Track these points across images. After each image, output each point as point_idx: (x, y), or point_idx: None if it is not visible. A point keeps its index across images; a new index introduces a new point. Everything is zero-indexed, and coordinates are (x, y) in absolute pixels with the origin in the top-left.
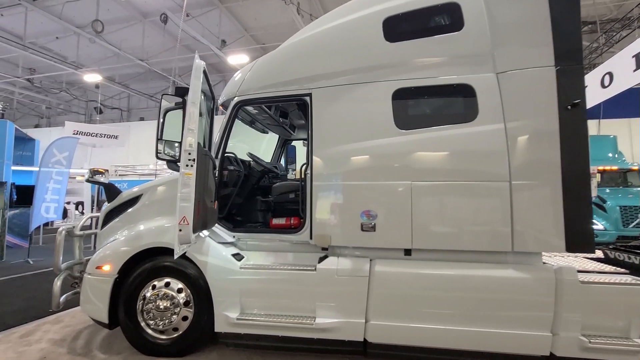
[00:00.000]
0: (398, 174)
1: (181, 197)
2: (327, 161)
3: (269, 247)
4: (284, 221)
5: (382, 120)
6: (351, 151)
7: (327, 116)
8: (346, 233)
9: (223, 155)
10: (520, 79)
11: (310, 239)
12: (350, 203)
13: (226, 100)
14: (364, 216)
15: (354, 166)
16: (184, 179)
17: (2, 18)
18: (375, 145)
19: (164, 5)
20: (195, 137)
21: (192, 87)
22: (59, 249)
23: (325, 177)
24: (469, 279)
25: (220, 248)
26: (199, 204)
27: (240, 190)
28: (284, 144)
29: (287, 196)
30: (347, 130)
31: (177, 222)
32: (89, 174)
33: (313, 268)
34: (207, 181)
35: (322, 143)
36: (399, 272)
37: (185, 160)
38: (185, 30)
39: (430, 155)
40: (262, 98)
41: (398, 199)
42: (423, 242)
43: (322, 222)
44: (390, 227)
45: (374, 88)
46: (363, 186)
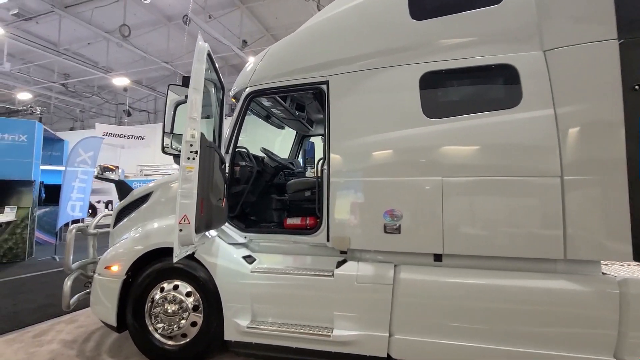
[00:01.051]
0: (427, 169)
1: (182, 194)
2: (346, 155)
3: (283, 249)
4: (299, 221)
5: (407, 109)
6: (373, 144)
7: (346, 105)
8: (367, 235)
9: (234, 150)
10: (573, 56)
11: (327, 241)
12: (372, 202)
13: (238, 91)
14: (388, 216)
15: (375, 161)
16: (185, 174)
17: (37, 26)
18: (400, 137)
19: (187, 7)
20: (198, 127)
21: (195, 72)
22: (69, 248)
23: (343, 173)
24: (511, 290)
25: (230, 249)
26: (202, 202)
27: (252, 188)
28: (301, 140)
29: (302, 194)
30: (368, 120)
31: (177, 222)
32: (98, 170)
33: (330, 273)
34: (213, 177)
35: (341, 135)
36: (429, 281)
37: (187, 153)
38: (208, 32)
39: (464, 147)
40: (276, 88)
41: (427, 197)
42: (456, 246)
43: (341, 222)
44: (417, 229)
45: (399, 72)
46: (386, 183)
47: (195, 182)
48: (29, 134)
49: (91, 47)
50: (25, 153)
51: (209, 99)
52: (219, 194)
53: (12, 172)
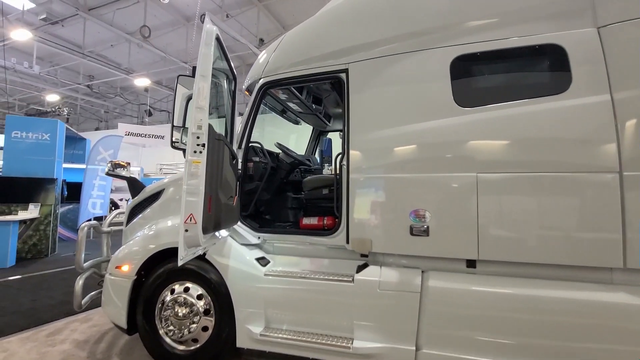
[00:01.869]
0: (459, 164)
1: (187, 191)
2: (367, 149)
3: (299, 251)
4: (315, 221)
5: (437, 97)
6: (397, 137)
7: (367, 95)
8: (391, 237)
9: (247, 145)
10: (634, 32)
11: (346, 243)
12: (397, 201)
13: (251, 83)
14: (414, 217)
15: (400, 155)
16: (191, 169)
17: (63, 29)
18: (429, 129)
19: (204, 7)
20: (206, 118)
21: (202, 57)
22: (80, 247)
23: (364, 169)
24: (560, 303)
25: (242, 250)
26: (210, 200)
27: (266, 185)
28: (318, 136)
29: (319, 192)
30: (392, 111)
31: (183, 221)
32: (109, 166)
33: (350, 278)
34: (222, 172)
35: (361, 128)
36: (461, 290)
37: (193, 145)
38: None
39: (502, 138)
40: (291, 78)
41: (459, 195)
42: (494, 251)
43: (361, 223)
44: (448, 231)
45: (426, 57)
46: (412, 180)
47: (202, 177)
48: (51, 132)
49: (114, 49)
50: (48, 151)
51: (219, 91)
52: (230, 191)
53: (35, 170)
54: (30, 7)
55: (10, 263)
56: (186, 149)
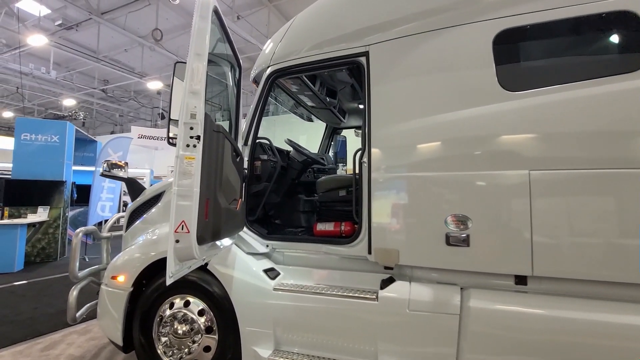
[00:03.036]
0: (507, 160)
1: (179, 193)
2: (392, 144)
3: (313, 262)
4: (331, 227)
5: (477, 80)
6: (428, 128)
7: (392, 81)
8: (423, 248)
9: (254, 141)
10: None
11: (368, 253)
12: (429, 204)
13: (258, 72)
14: (451, 223)
15: (433, 150)
16: (183, 166)
17: (78, 34)
18: (468, 118)
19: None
20: (202, 105)
21: (197, 32)
22: (75, 254)
23: (389, 166)
24: (633, 330)
25: (249, 261)
26: (207, 203)
27: (276, 186)
28: (332, 133)
29: (335, 193)
30: (421, 98)
31: (173, 230)
32: (105, 166)
33: (373, 296)
34: (223, 170)
35: (385, 119)
36: (512, 312)
37: (185, 138)
38: (236, 32)
39: (561, 127)
40: (302, 65)
41: (507, 197)
42: (551, 266)
43: (386, 230)
44: (494, 242)
45: (464, 33)
46: (448, 179)
47: (197, 177)
48: (60, 134)
49: (127, 54)
50: (57, 153)
51: (222, 79)
52: (233, 194)
53: (44, 173)
54: (46, 13)
55: (18, 267)
56: (177, 143)
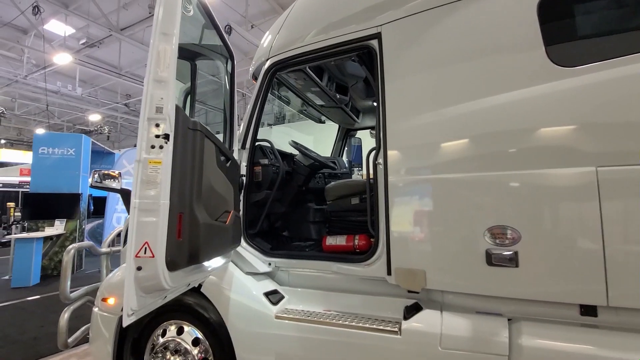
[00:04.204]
0: (565, 154)
1: (140, 207)
2: (412, 141)
3: (322, 282)
4: (343, 241)
5: (520, 55)
6: (459, 119)
7: (411, 64)
8: (456, 268)
9: (253, 144)
10: None
11: (387, 274)
12: (464, 213)
13: (257, 66)
14: (493, 237)
15: (466, 146)
16: (147, 173)
17: (100, 51)
18: (510, 103)
19: (229, 18)
20: (171, 96)
21: (163, 6)
22: (66, 273)
23: (410, 168)
24: None
25: (248, 282)
26: (180, 219)
27: (278, 195)
28: (345, 135)
29: (347, 202)
30: (448, 82)
31: (133, 254)
32: (95, 177)
33: (395, 327)
34: (202, 177)
35: (404, 111)
36: (579, 355)
37: (149, 138)
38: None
39: (637, 111)
40: (305, 54)
41: (567, 202)
42: (630, 295)
43: (408, 245)
44: (551, 260)
45: (500, 0)
46: (487, 181)
47: (164, 186)
48: (76, 147)
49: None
50: (73, 166)
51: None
52: (221, 205)
53: (61, 186)
54: (70, 33)
55: (34, 281)
56: (137, 144)
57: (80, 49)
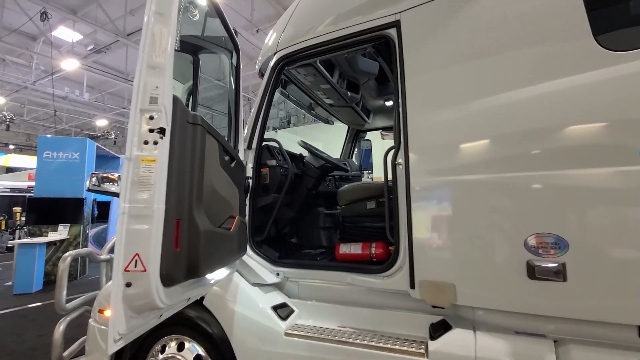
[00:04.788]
0: (620, 151)
1: (131, 212)
2: (437, 137)
3: (336, 295)
4: (358, 249)
5: (562, 38)
6: (492, 111)
7: (435, 53)
8: (492, 282)
9: (260, 144)
10: None
11: (410, 287)
12: (499, 219)
13: (264, 62)
14: (535, 247)
15: (503, 143)
16: (139, 173)
17: (107, 57)
18: (551, 93)
19: (235, 23)
20: (168, 84)
21: None
22: (61, 282)
23: (436, 168)
24: None
25: (254, 295)
26: (177, 226)
27: (287, 199)
28: (355, 136)
29: (362, 206)
30: (482, 72)
31: (123, 268)
32: (95, 181)
33: (421, 349)
34: (204, 178)
35: (428, 104)
36: None
37: (142, 132)
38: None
39: None
40: (316, 46)
41: (624, 206)
42: None
43: (435, 255)
44: (605, 273)
45: None
46: (528, 182)
47: (159, 188)
48: (81, 151)
49: None
50: (77, 170)
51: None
52: (225, 210)
53: (65, 190)
54: (78, 39)
55: (36, 287)
56: (128, 140)
57: (88, 54)
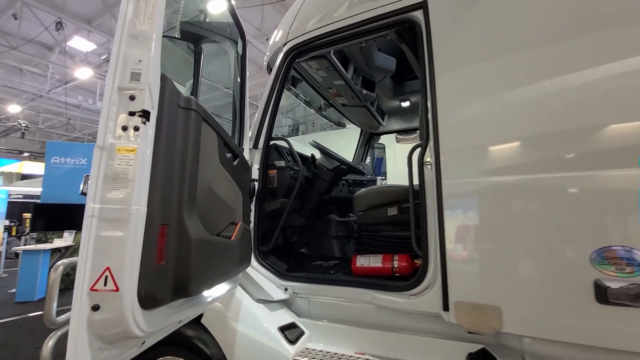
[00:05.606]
0: None
1: (101, 215)
2: (477, 132)
3: (352, 314)
4: (378, 262)
5: (632, 11)
6: (552, 96)
7: (470, 36)
8: (549, 306)
9: (267, 143)
10: None
11: (443, 309)
12: (558, 228)
13: (274, 54)
14: (606, 264)
15: (561, 136)
16: (113, 165)
17: None
18: (622, 75)
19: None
20: (155, 57)
21: None
22: (51, 293)
23: (474, 168)
24: None
25: (259, 313)
26: (162, 233)
27: (297, 204)
28: (368, 140)
29: (382, 212)
30: (532, 54)
31: (89, 286)
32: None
33: None
34: (198, 175)
35: (464, 95)
36: None
37: (120, 116)
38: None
39: None
40: (331, 33)
41: None
42: None
43: (474, 272)
44: None
45: None
46: (594, 183)
47: (140, 184)
48: (88, 157)
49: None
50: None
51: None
52: (225, 215)
53: (71, 196)
54: (92, 49)
55: (38, 295)
56: (100, 124)
57: (101, 63)
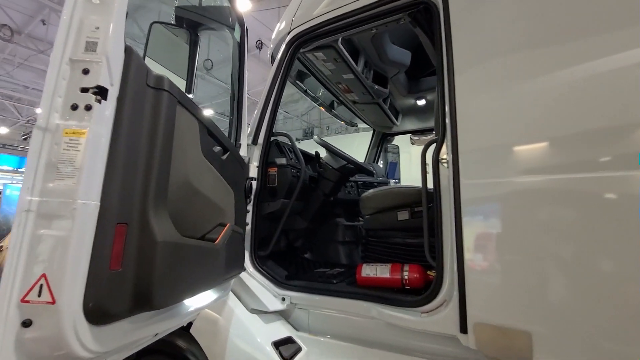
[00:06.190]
0: None
1: (39, 210)
2: (502, 126)
3: (356, 331)
4: (386, 272)
5: None
6: (593, 80)
7: (493, 20)
8: (593, 334)
9: (268, 139)
10: None
11: (460, 331)
12: (602, 238)
13: (277, 45)
14: None
15: (602, 131)
16: (57, 151)
17: None
18: None
19: (260, 34)
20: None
21: None
22: None
23: (499, 167)
24: None
25: (251, 325)
26: (120, 233)
27: (299, 206)
28: (380, 140)
29: (392, 216)
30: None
31: (19, 297)
32: None
33: None
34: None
35: (487, 85)
36: None
37: (69, 92)
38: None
39: None
40: (340, 18)
41: None
42: None
43: (497, 288)
44: None
45: None
46: None
47: (90, 173)
48: None
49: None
50: None
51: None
52: (211, 215)
53: None
54: None
55: None
56: (42, 103)
57: None
